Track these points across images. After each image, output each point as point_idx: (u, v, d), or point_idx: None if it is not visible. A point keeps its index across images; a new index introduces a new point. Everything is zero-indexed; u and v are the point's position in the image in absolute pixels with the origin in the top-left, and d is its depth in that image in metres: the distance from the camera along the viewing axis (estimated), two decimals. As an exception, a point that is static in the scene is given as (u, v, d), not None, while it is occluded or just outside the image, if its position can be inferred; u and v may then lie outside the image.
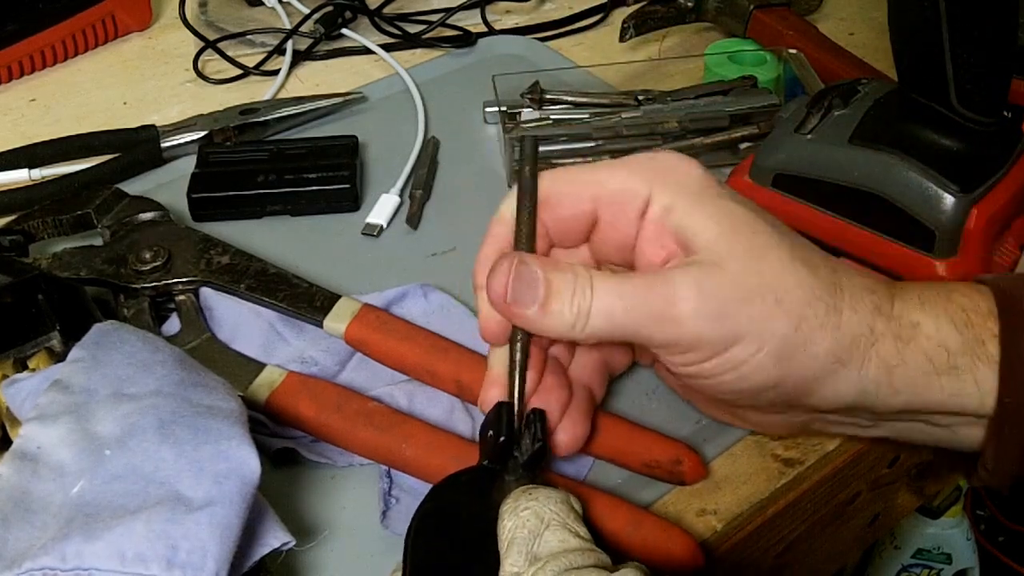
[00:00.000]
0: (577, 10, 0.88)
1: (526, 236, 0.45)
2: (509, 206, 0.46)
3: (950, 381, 0.43)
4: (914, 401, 0.44)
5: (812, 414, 0.46)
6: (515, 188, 0.46)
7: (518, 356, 0.45)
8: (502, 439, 0.42)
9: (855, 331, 0.43)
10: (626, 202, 0.45)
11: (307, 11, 0.84)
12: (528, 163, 0.46)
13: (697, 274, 0.42)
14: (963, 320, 0.43)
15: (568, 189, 0.46)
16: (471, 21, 0.86)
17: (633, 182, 0.45)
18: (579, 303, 0.42)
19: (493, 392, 0.45)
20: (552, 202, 0.46)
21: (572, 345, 0.49)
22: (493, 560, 0.38)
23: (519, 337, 0.45)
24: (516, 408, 0.44)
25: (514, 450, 0.43)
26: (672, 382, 0.52)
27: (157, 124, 0.72)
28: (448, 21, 0.85)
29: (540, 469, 0.44)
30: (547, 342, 0.47)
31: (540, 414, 0.44)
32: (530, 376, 0.45)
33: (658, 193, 0.44)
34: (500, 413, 0.43)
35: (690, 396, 0.52)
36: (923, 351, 0.43)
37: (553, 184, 0.46)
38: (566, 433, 0.46)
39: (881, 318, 0.43)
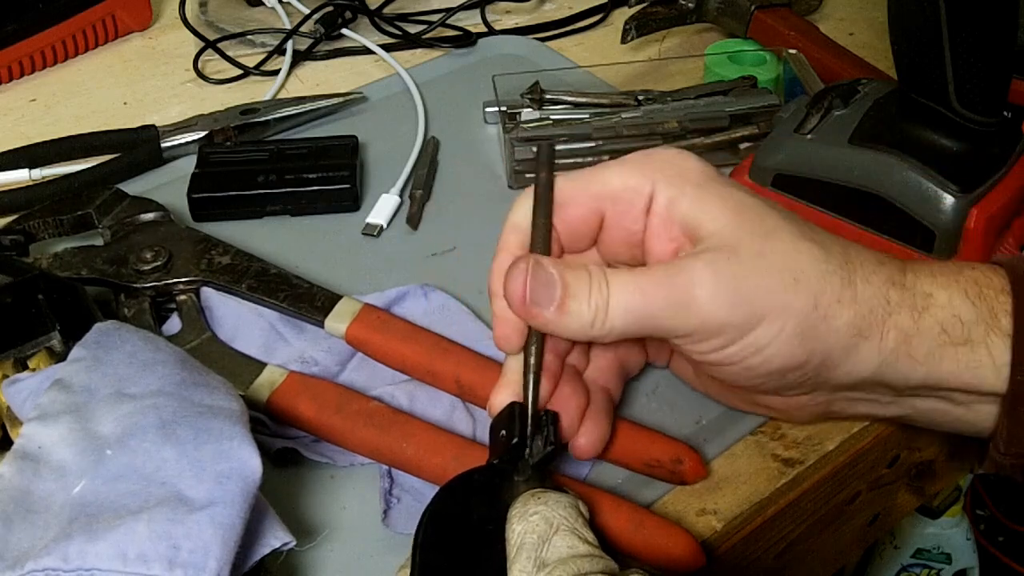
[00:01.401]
0: (577, 10, 0.88)
1: (542, 240, 0.45)
2: (520, 213, 0.46)
3: (965, 353, 0.43)
4: (932, 374, 0.44)
5: (833, 394, 0.46)
6: (522, 194, 0.47)
7: (532, 360, 0.45)
8: (515, 440, 0.42)
9: (872, 302, 0.43)
10: (630, 199, 0.45)
11: (307, 11, 0.84)
12: (544, 169, 0.46)
13: (711, 259, 0.42)
14: (976, 293, 0.44)
15: (575, 192, 0.46)
16: (471, 21, 0.86)
17: (635, 179, 0.45)
18: (597, 301, 0.42)
19: (503, 396, 0.45)
20: (560, 205, 0.46)
21: (587, 349, 0.49)
22: (501, 561, 0.38)
23: (534, 341, 0.45)
24: (529, 410, 0.44)
25: (525, 451, 0.43)
26: (686, 373, 0.52)
27: (157, 124, 0.72)
28: (448, 21, 0.85)
29: (549, 470, 0.44)
30: (565, 349, 0.47)
31: (553, 416, 0.44)
32: (545, 384, 0.45)
33: (661, 187, 0.45)
34: (513, 413, 0.43)
35: (707, 387, 0.52)
36: (937, 321, 0.43)
37: (561, 189, 0.46)
38: (588, 436, 0.46)
39: (895, 289, 0.43)
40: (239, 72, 0.81)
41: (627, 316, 0.42)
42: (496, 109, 0.73)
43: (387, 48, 0.83)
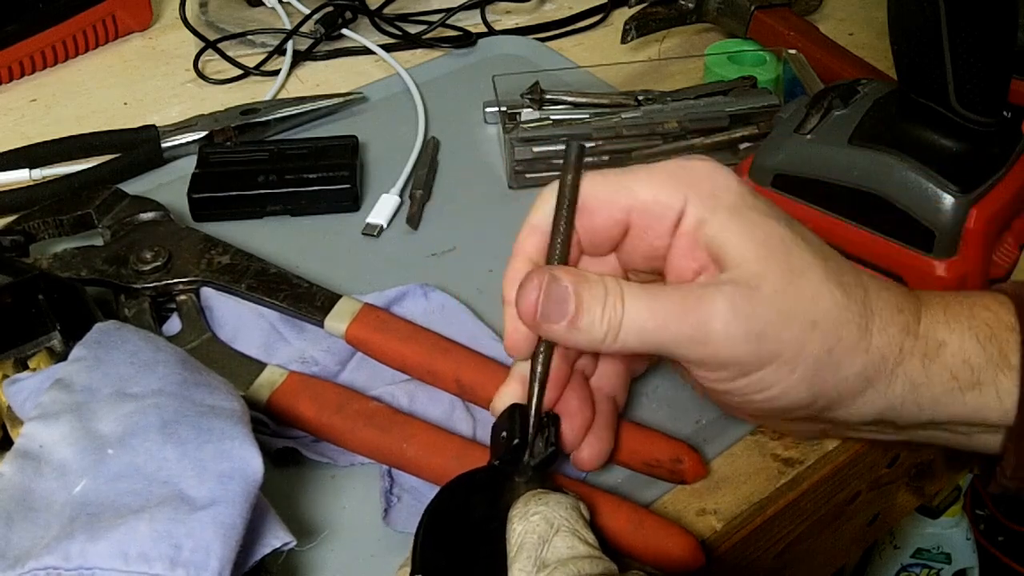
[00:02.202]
0: (577, 10, 0.88)
1: (561, 248, 0.44)
2: (540, 215, 0.45)
3: (973, 396, 0.43)
4: (938, 416, 0.44)
5: (836, 427, 0.47)
6: (542, 192, 0.45)
7: (539, 368, 0.44)
8: (515, 441, 0.42)
9: (884, 352, 0.43)
10: (659, 214, 0.44)
11: (307, 11, 0.84)
12: (571, 172, 0.44)
13: (732, 293, 0.41)
14: (987, 335, 0.44)
15: (602, 201, 0.44)
16: (471, 21, 0.86)
17: (666, 193, 0.43)
18: (609, 317, 0.41)
19: (506, 398, 0.45)
20: (586, 211, 0.44)
21: (596, 355, 0.49)
22: (501, 561, 0.38)
23: (542, 349, 0.44)
24: (532, 412, 0.44)
25: (526, 452, 0.43)
26: (695, 384, 0.52)
27: (157, 124, 0.72)
28: (448, 21, 0.85)
29: (549, 472, 0.44)
30: (575, 354, 0.47)
31: (554, 419, 0.44)
32: (551, 392, 0.45)
33: (692, 205, 0.43)
34: (514, 415, 0.43)
35: (714, 399, 0.51)
36: (948, 368, 0.43)
37: (587, 195, 0.44)
38: (591, 450, 0.46)
39: (909, 338, 0.43)
40: (239, 72, 0.81)
41: (639, 337, 0.41)
42: (496, 109, 0.73)
43: (387, 48, 0.83)
